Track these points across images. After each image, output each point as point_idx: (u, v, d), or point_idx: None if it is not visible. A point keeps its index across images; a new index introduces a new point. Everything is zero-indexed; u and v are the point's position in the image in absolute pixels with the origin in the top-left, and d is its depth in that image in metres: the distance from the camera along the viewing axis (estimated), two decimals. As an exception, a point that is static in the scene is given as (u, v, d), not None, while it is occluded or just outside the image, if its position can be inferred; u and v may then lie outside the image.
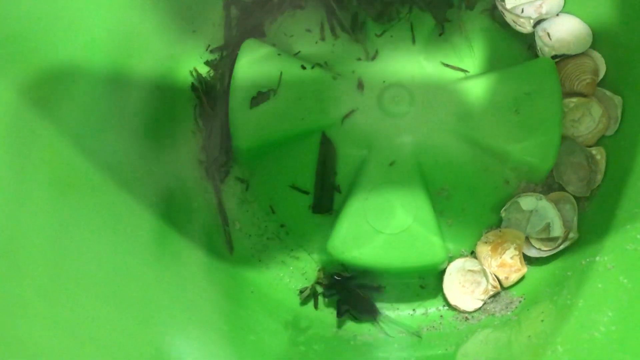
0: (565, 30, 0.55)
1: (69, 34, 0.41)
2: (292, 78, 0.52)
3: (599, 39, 0.54)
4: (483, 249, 0.53)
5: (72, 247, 0.37)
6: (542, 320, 0.46)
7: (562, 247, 0.51)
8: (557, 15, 0.55)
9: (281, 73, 0.52)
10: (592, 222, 0.51)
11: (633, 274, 0.42)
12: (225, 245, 0.53)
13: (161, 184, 0.50)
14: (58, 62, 0.41)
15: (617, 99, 0.52)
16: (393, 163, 0.51)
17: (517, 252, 0.52)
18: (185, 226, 0.50)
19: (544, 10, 0.55)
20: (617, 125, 0.52)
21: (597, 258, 0.46)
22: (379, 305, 0.51)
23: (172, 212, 0.50)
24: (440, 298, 0.52)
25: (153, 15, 0.51)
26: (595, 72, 0.53)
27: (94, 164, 0.43)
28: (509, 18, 0.55)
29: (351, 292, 0.51)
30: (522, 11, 0.55)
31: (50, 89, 0.39)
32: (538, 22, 0.55)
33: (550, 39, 0.54)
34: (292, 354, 0.49)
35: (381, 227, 0.50)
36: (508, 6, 0.55)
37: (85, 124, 0.43)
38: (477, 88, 0.52)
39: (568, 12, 0.55)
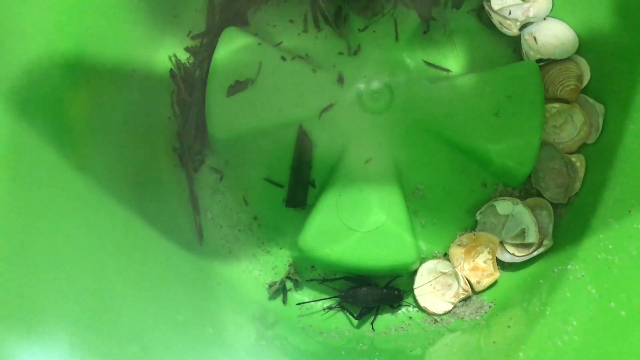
0: (551, 34, 0.54)
1: (39, 17, 0.40)
2: (271, 68, 0.52)
3: (585, 45, 0.53)
4: (456, 252, 0.52)
5: (32, 230, 0.37)
6: (509, 327, 0.45)
7: (535, 253, 0.51)
8: (545, 19, 0.55)
9: (260, 63, 0.51)
10: (567, 230, 0.51)
11: (601, 284, 0.41)
12: (195, 235, 0.53)
13: (132, 170, 0.50)
14: (29, 48, 0.40)
15: (600, 107, 0.52)
16: (369, 160, 0.51)
17: (490, 257, 0.52)
18: (155, 213, 0.49)
19: (531, 14, 0.55)
20: (599, 133, 0.52)
21: (569, 266, 0.46)
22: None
23: (142, 198, 0.49)
24: (410, 299, 0.52)
25: (132, -2, 0.50)
26: (580, 78, 0.53)
27: (61, 147, 0.42)
28: (495, 19, 0.54)
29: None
30: (510, 13, 0.55)
31: (20, 76, 0.39)
32: (525, 25, 0.55)
33: (537, 42, 0.54)
34: (256, 348, 0.48)
35: (354, 225, 0.49)
36: (495, 7, 0.55)
37: (54, 106, 0.43)
38: (458, 88, 0.51)
39: (555, 17, 0.55)
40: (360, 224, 0.49)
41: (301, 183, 0.52)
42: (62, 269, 0.38)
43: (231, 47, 0.52)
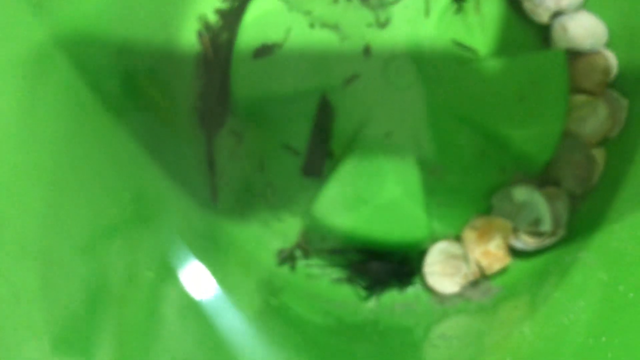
0: (582, 26, 0.56)
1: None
2: (299, 35, 0.53)
3: (615, 39, 0.55)
4: (469, 235, 0.54)
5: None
6: (516, 308, 0.47)
7: (548, 242, 0.52)
8: (576, 10, 0.56)
9: (289, 29, 0.53)
10: (582, 221, 0.52)
11: (613, 269, 0.43)
12: (209, 196, 0.55)
13: (152, 123, 0.52)
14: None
15: (625, 102, 0.53)
16: (389, 134, 0.53)
17: (502, 242, 0.53)
18: (172, 167, 0.51)
19: (563, 4, 0.56)
20: (621, 128, 0.54)
21: (581, 254, 0.48)
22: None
23: (159, 153, 0.51)
24: (418, 277, 0.54)
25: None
26: (607, 72, 0.54)
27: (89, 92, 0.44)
28: (527, 7, 0.56)
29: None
30: (541, 1, 0.56)
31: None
32: (556, 15, 0.56)
33: (566, 33, 0.56)
34: (261, 316, 0.50)
35: (368, 196, 0.51)
36: (528, -6, 0.56)
37: (84, 51, 0.45)
38: (484, 70, 0.53)
39: (587, 9, 0.56)
40: (375, 197, 0.51)
41: (320, 152, 0.54)
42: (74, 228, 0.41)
43: (261, 11, 0.54)
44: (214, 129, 0.56)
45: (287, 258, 0.54)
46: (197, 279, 0.48)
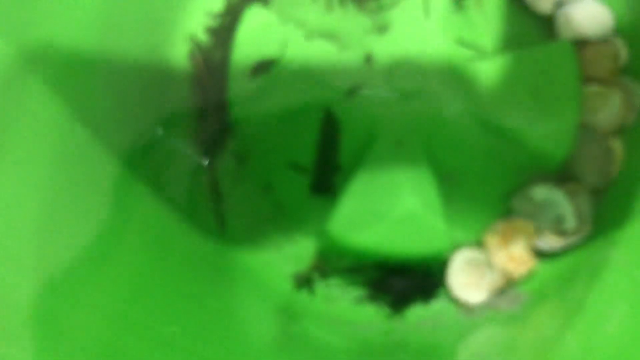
0: (587, 15, 0.55)
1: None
2: (296, 49, 0.52)
3: (622, 25, 0.54)
4: (491, 240, 0.53)
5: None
6: (551, 316, 0.46)
7: (574, 240, 0.51)
8: (580, -2, 0.56)
9: (284, 43, 0.52)
10: (606, 216, 0.51)
11: (648, 266, 0.42)
12: (215, 223, 0.53)
13: (151, 155, 0.50)
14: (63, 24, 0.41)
15: (638, 88, 0.53)
16: (400, 143, 0.52)
17: (526, 245, 0.52)
18: (174, 200, 0.50)
19: (565, -8, 0.55)
20: (637, 115, 0.53)
21: (610, 252, 0.47)
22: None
23: (161, 184, 0.50)
24: (443, 289, 0.53)
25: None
26: (616, 59, 0.54)
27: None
28: (528, -2, 0.55)
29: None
30: (543, -9, 0.55)
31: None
32: (559, 5, 0.55)
33: (571, 23, 0.55)
34: (279, 344, 0.49)
35: (384, 211, 0.50)
36: (528, -15, 0.55)
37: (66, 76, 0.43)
38: (492, 68, 0.52)
39: (591, -5, 0.55)
40: (391, 210, 0.50)
41: (328, 168, 0.53)
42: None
43: (253, 26, 0.53)
44: (215, 152, 0.54)
45: (304, 281, 0.52)
46: (211, 308, 0.47)
